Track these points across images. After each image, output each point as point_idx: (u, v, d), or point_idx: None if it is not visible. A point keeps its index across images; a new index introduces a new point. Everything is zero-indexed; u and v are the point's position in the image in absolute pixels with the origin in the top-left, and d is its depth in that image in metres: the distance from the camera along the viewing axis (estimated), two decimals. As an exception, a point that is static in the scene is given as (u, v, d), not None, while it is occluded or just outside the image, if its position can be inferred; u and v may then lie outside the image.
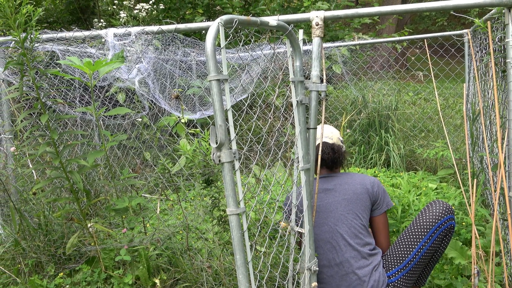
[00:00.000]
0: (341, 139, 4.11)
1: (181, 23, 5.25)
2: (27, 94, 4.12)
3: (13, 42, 3.85)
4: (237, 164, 2.45)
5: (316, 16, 3.46)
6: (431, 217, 3.75)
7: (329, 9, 9.15)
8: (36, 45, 4.03)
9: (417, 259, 3.72)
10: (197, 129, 5.28)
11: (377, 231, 3.93)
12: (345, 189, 3.82)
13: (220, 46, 2.42)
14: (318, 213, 3.80)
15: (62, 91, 6.41)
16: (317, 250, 3.75)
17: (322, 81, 3.44)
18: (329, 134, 4.02)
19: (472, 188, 3.95)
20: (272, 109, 3.51)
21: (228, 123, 2.42)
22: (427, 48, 5.42)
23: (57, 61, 4.62)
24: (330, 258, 3.71)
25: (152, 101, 5.66)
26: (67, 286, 4.27)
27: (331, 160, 3.94)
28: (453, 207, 4.28)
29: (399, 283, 3.72)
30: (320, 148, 3.62)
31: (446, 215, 3.74)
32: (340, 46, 7.76)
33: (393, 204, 4.02)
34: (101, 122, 6.73)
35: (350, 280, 3.63)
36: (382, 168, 7.32)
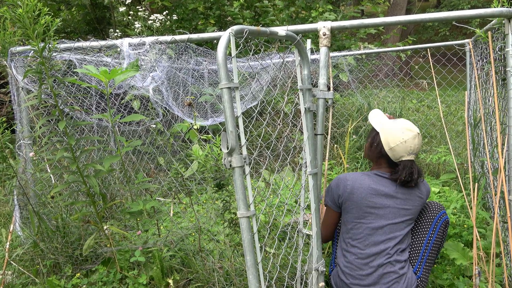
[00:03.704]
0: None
1: (194, 33, 5.25)
2: (45, 102, 4.12)
3: (32, 51, 3.86)
4: (247, 169, 2.46)
5: (323, 27, 3.46)
6: (430, 214, 3.90)
7: (336, 20, 9.13)
8: (54, 54, 4.03)
9: (429, 249, 3.81)
10: (209, 135, 5.28)
11: None
12: (406, 201, 3.73)
13: (231, 55, 2.43)
14: (373, 215, 3.70)
15: (79, 98, 6.42)
16: (364, 248, 3.72)
17: (329, 89, 3.45)
18: (417, 150, 3.76)
19: (474, 191, 3.94)
20: (281, 116, 3.52)
21: (238, 129, 2.43)
22: (430, 57, 5.40)
23: (74, 70, 4.63)
24: (374, 259, 3.68)
25: (165, 108, 5.65)
26: (84, 286, 4.28)
27: (410, 182, 3.72)
28: (449, 206, 4.36)
29: (423, 277, 3.80)
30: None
31: (441, 210, 3.89)
32: (347, 55, 7.74)
33: None
34: (117, 128, 6.73)
35: (390, 278, 3.63)
36: (387, 172, 7.31)
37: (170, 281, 4.11)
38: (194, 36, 4.40)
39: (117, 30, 10.39)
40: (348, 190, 3.69)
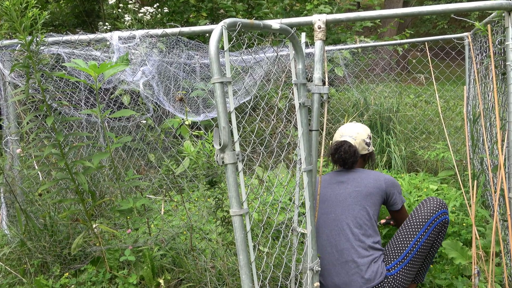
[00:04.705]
0: (368, 140, 4.14)
1: (185, 26, 5.26)
2: (33, 97, 4.11)
3: (19, 45, 3.85)
4: (240, 166, 2.46)
5: (318, 20, 3.46)
6: (426, 212, 3.86)
7: (331, 13, 9.13)
8: (41, 48, 4.02)
9: (415, 251, 3.77)
10: (201, 131, 5.28)
11: (399, 224, 4.15)
12: (357, 182, 3.87)
13: (223, 49, 2.42)
14: (327, 202, 3.86)
15: (68, 93, 6.41)
16: (321, 237, 3.78)
17: (324, 84, 3.44)
18: (354, 134, 4.08)
19: (473, 189, 3.95)
20: (275, 111, 3.52)
21: (231, 125, 2.43)
22: (428, 51, 5.41)
23: (62, 64, 4.62)
24: (332, 244, 3.74)
25: (156, 103, 5.65)
26: (72, 286, 4.27)
27: (342, 160, 3.97)
28: (447, 204, 4.37)
29: (399, 276, 3.75)
30: (321, 146, 3.63)
31: (440, 209, 3.86)
32: (342, 49, 7.74)
33: (405, 200, 4.16)
34: (106, 124, 6.73)
35: (349, 267, 3.66)
36: (383, 169, 7.31)
37: (161, 281, 4.11)
38: (186, 29, 4.39)
39: (106, 23, 10.39)
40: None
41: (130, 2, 9.42)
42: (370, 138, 4.16)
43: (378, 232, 3.88)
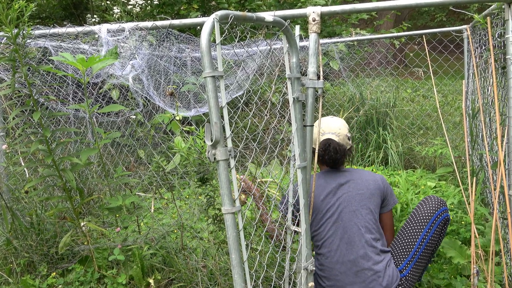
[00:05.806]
0: (349, 135, 4.07)
1: (176, 18, 5.25)
2: (19, 91, 4.11)
3: (5, 38, 3.84)
4: (232, 162, 2.45)
5: (313, 12, 3.45)
6: (428, 209, 3.88)
7: (326, 5, 9.13)
8: (28, 41, 4.02)
9: (422, 248, 3.79)
10: (192, 127, 5.28)
11: (384, 227, 4.03)
12: (357, 184, 3.84)
13: (215, 42, 2.42)
14: (332, 209, 3.80)
15: (55, 88, 6.40)
16: (330, 246, 3.75)
17: (319, 78, 3.44)
18: (336, 130, 3.98)
19: (472, 186, 3.95)
20: (268, 106, 3.51)
21: (223, 120, 2.42)
22: (425, 44, 5.41)
23: (49, 58, 4.61)
24: (343, 254, 3.70)
25: (146, 98, 5.64)
26: (60, 286, 4.27)
27: (332, 161, 3.89)
28: (449, 204, 4.35)
29: (410, 276, 3.77)
30: (317, 145, 3.62)
31: (441, 207, 3.89)
32: (338, 42, 7.73)
33: (398, 201, 4.12)
34: (95, 119, 6.72)
35: (365, 276, 3.64)
36: (380, 166, 7.31)
37: (151, 280, 4.10)
38: (176, 22, 4.38)
39: (95, 16, 10.37)
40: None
41: (119, -7, 9.41)
42: (349, 132, 4.13)
43: (382, 233, 3.88)
